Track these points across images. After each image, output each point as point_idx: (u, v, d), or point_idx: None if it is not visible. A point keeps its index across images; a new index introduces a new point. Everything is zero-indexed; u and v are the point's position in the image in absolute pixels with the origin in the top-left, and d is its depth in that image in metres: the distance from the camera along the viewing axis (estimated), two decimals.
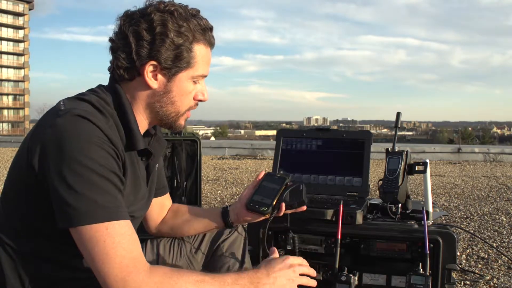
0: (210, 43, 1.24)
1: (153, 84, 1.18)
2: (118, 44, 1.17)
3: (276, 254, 1.32)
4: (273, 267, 1.20)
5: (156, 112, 1.22)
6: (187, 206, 1.55)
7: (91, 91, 1.19)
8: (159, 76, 1.18)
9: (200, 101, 1.28)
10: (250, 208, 1.39)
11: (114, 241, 1.01)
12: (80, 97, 1.13)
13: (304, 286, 1.24)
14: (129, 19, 1.17)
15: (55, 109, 1.11)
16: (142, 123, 1.23)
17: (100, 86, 1.22)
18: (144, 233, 1.51)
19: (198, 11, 1.21)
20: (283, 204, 1.39)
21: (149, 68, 1.16)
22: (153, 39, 1.14)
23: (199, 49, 1.20)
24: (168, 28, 1.14)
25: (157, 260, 1.48)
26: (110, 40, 1.20)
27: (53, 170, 1.02)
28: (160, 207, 1.49)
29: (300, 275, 1.24)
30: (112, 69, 1.20)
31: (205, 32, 1.21)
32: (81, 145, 1.02)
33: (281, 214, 1.41)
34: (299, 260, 1.26)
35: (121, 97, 1.17)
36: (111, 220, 1.02)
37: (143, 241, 1.53)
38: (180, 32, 1.15)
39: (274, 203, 1.38)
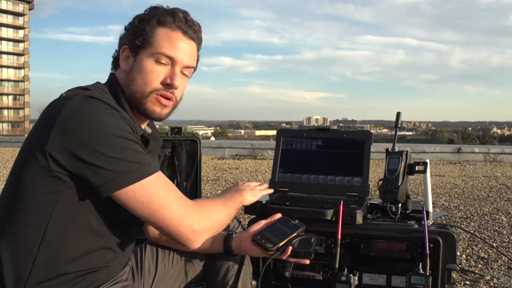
0: (178, 26, 1.28)
1: (124, 65, 1.30)
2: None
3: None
4: (233, 188, 1.52)
5: (127, 94, 1.27)
6: None
7: (89, 85, 1.25)
8: (129, 59, 1.29)
9: (168, 86, 1.27)
10: (256, 241, 1.40)
11: (166, 189, 1.17)
12: (81, 87, 1.21)
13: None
14: None
15: (60, 98, 1.17)
16: (131, 113, 1.29)
17: (98, 82, 1.29)
18: (144, 235, 1.51)
19: (184, 11, 1.31)
20: (290, 249, 1.40)
21: (123, 53, 1.30)
22: (126, 29, 1.31)
23: (163, 31, 1.27)
24: (137, 16, 1.30)
25: (156, 262, 1.48)
26: None
27: (80, 147, 1.08)
28: None
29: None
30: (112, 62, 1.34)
31: (175, 19, 1.28)
32: (100, 118, 1.11)
33: (284, 257, 1.42)
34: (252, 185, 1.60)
35: (116, 89, 1.27)
36: (154, 172, 1.16)
37: (142, 242, 1.53)
38: (143, 17, 1.29)
39: (281, 244, 1.39)
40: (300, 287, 1.69)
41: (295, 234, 1.43)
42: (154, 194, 1.14)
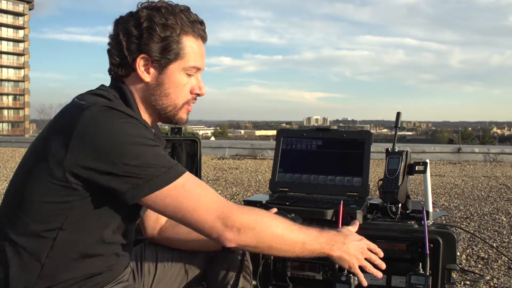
0: (201, 36, 1.28)
1: (146, 77, 1.22)
2: (112, 43, 1.23)
3: (356, 227, 1.46)
4: (349, 236, 1.32)
5: (153, 106, 1.26)
6: None
7: (97, 89, 1.22)
8: (151, 69, 1.22)
9: (197, 95, 1.30)
10: None
11: (196, 191, 1.13)
12: (94, 93, 1.18)
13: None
14: (120, 20, 1.24)
15: (75, 105, 1.13)
16: (145, 118, 1.26)
17: (103, 85, 1.25)
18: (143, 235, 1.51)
19: (188, 8, 1.26)
20: None
21: (140, 62, 1.21)
22: (140, 33, 1.19)
23: (188, 41, 1.24)
24: (154, 22, 1.19)
25: (156, 261, 1.47)
26: (108, 43, 1.26)
27: (104, 159, 1.06)
28: (158, 214, 1.48)
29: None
30: (110, 69, 1.25)
31: (194, 25, 1.25)
32: (120, 127, 1.08)
33: None
34: (372, 244, 1.36)
35: (126, 93, 1.22)
36: (182, 174, 1.12)
37: (142, 242, 1.53)
38: (166, 25, 1.20)
39: None
40: (300, 287, 1.69)
41: None
42: (187, 196, 1.11)
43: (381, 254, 1.36)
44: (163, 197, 1.10)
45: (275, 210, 1.49)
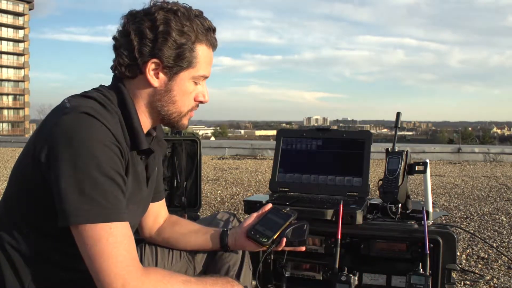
0: (212, 44, 1.25)
1: (154, 82, 1.18)
2: (121, 41, 1.18)
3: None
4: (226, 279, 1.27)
5: (158, 111, 1.22)
6: (187, 221, 1.55)
7: (94, 90, 1.19)
8: (161, 75, 1.18)
9: (201, 102, 1.28)
10: (250, 236, 1.40)
11: (117, 241, 1.03)
12: (85, 95, 1.14)
13: None
14: (132, 18, 1.18)
15: (60, 107, 1.11)
16: (145, 122, 1.23)
17: (102, 86, 1.22)
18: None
19: (201, 12, 1.22)
20: (284, 240, 1.40)
21: (151, 66, 1.17)
22: (155, 37, 1.14)
23: (201, 49, 1.21)
24: (171, 27, 1.15)
25: (156, 262, 1.47)
26: (114, 38, 1.20)
27: (59, 168, 1.01)
28: (156, 215, 1.48)
29: None
30: (115, 67, 1.20)
31: (208, 33, 1.22)
32: (87, 144, 1.02)
33: (280, 249, 1.43)
34: None
35: (125, 96, 1.18)
36: (113, 221, 1.03)
37: (141, 242, 1.53)
38: (183, 31, 1.16)
39: (275, 237, 1.40)
40: (300, 287, 1.69)
41: (287, 223, 1.43)
42: (102, 240, 1.01)
43: None
44: (82, 231, 1.02)
45: (270, 205, 1.49)
